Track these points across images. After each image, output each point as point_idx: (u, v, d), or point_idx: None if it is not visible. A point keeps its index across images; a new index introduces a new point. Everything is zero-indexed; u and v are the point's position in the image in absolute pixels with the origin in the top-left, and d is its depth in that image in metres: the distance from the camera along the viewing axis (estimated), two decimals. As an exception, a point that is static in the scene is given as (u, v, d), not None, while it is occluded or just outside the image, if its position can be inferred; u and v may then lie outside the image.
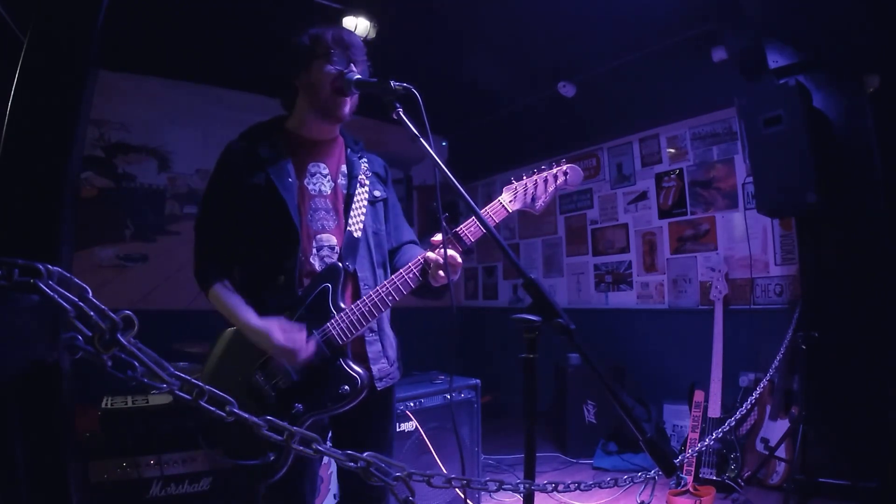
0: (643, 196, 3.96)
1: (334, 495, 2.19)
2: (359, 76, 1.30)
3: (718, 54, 3.15)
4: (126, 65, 3.61)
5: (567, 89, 3.92)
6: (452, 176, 1.12)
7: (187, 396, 0.72)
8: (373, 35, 3.23)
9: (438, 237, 1.27)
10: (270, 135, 1.38)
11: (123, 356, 0.63)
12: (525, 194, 1.38)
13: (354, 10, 3.15)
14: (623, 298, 4.06)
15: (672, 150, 3.78)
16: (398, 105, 1.19)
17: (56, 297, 0.56)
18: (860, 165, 2.48)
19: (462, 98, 4.35)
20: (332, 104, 1.32)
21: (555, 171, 1.42)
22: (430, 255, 1.28)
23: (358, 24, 3.19)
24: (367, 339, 1.36)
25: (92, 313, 0.59)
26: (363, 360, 1.35)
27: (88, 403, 2.30)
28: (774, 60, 2.68)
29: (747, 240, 3.29)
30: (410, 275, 1.29)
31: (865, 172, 2.46)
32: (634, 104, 3.92)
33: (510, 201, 1.36)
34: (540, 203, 1.40)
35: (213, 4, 3.03)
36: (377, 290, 1.28)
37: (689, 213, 3.66)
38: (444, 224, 1.25)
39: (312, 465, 1.39)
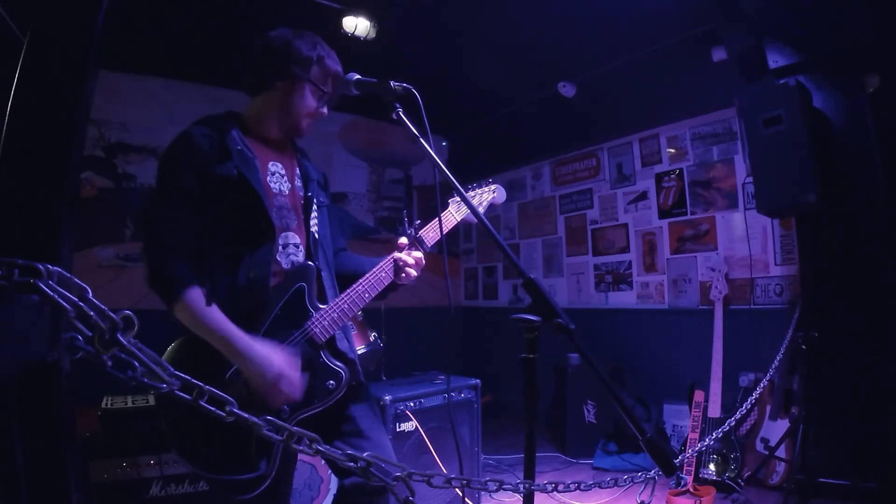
0: (643, 196, 3.95)
1: (334, 495, 2.19)
2: (358, 76, 1.31)
3: (718, 54, 3.15)
4: (126, 65, 3.61)
5: (567, 89, 3.92)
6: (452, 176, 1.12)
7: (187, 396, 0.73)
8: (373, 35, 3.23)
9: (403, 240, 1.43)
10: (230, 127, 1.33)
11: (123, 356, 0.63)
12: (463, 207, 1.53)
13: (354, 10, 3.14)
14: (623, 298, 4.06)
15: (672, 150, 3.77)
16: (398, 105, 1.21)
17: (56, 297, 0.56)
18: (860, 165, 2.47)
19: (462, 98, 4.35)
20: (298, 129, 1.40)
21: (485, 188, 1.65)
22: (400, 255, 1.40)
23: (358, 24, 3.18)
24: (335, 335, 1.37)
25: (92, 313, 0.59)
26: (340, 357, 1.36)
27: (88, 403, 2.30)
28: (774, 60, 2.68)
29: (747, 240, 3.29)
30: (383, 273, 1.39)
31: (865, 172, 2.46)
32: (634, 104, 3.92)
33: (456, 212, 1.53)
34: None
35: (213, 4, 3.03)
36: (354, 288, 1.35)
37: (689, 213, 3.66)
38: (414, 231, 1.44)
39: (291, 471, 1.39)
